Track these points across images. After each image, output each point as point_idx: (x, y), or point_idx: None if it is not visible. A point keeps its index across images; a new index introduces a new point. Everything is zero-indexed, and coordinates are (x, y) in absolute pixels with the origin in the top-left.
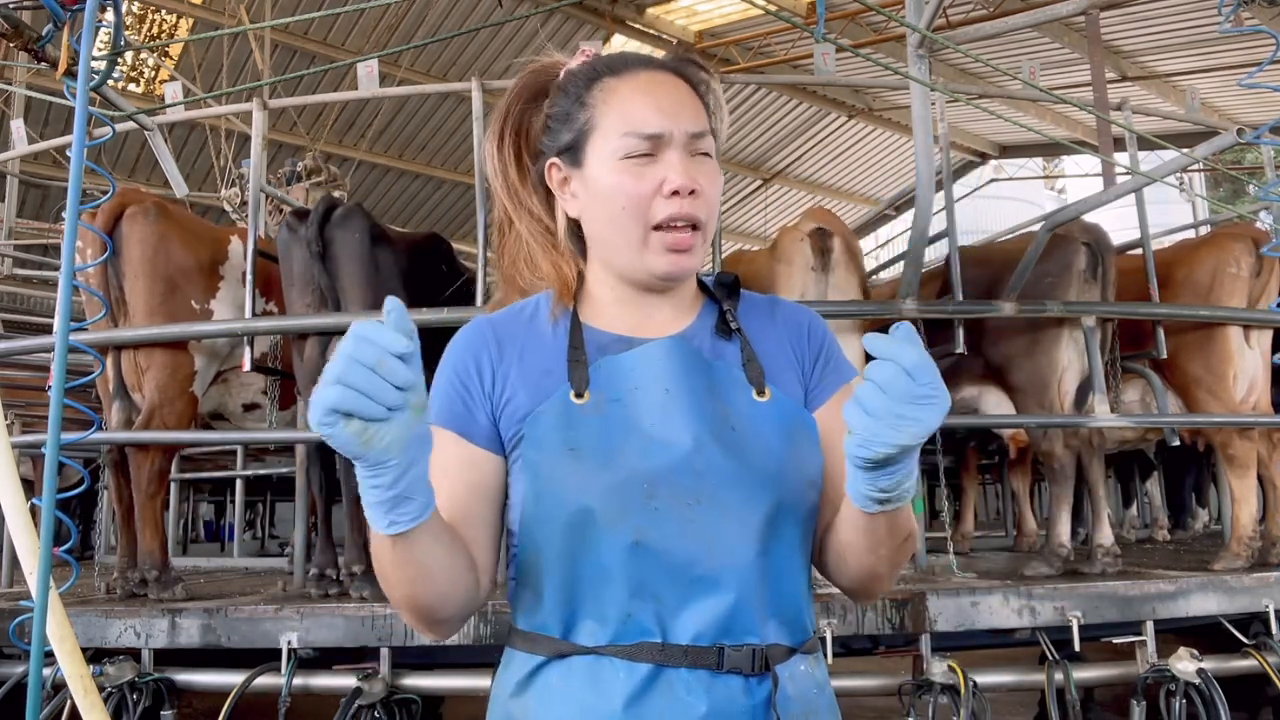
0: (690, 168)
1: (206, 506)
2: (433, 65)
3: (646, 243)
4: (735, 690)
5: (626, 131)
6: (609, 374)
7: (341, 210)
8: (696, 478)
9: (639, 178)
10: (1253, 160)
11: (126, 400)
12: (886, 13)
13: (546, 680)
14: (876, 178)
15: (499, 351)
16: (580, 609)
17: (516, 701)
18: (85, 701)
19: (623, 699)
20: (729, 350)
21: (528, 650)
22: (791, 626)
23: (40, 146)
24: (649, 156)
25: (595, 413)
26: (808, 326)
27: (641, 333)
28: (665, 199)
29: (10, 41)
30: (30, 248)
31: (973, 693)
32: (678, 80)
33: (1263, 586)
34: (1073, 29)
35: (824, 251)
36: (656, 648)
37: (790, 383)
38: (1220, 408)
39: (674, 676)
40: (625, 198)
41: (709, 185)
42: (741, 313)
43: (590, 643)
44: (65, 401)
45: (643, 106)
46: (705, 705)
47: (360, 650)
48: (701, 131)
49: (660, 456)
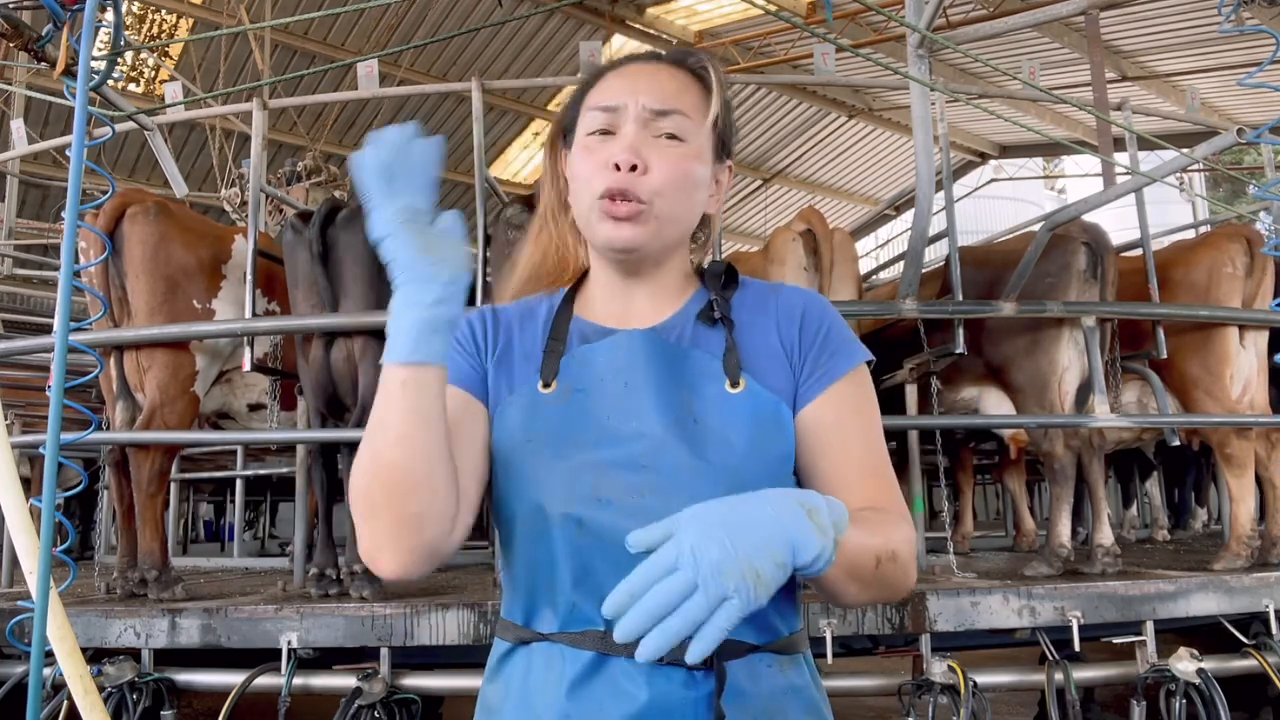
0: (644, 144)
1: (206, 506)
2: (433, 65)
3: (593, 213)
4: (676, 682)
5: (591, 106)
6: (578, 365)
7: (345, 212)
8: (646, 470)
9: (592, 152)
10: (1252, 160)
11: (129, 400)
12: (886, 13)
13: (512, 665)
14: (876, 178)
15: (495, 332)
16: (538, 597)
17: (490, 685)
18: (85, 701)
19: (566, 685)
20: (712, 339)
21: (501, 637)
22: (756, 624)
23: (40, 146)
24: (608, 134)
25: (559, 403)
26: (802, 312)
27: (624, 323)
28: (609, 171)
29: (10, 41)
30: (30, 248)
31: (973, 693)
32: (673, 69)
33: (1263, 586)
34: (1073, 29)
35: (816, 251)
36: (598, 636)
37: (773, 374)
38: (1218, 408)
39: (615, 665)
40: (582, 171)
41: (662, 164)
42: (738, 301)
43: (546, 630)
44: (65, 401)
45: (610, 84)
46: (646, 694)
47: (360, 650)
48: (666, 110)
49: (611, 448)
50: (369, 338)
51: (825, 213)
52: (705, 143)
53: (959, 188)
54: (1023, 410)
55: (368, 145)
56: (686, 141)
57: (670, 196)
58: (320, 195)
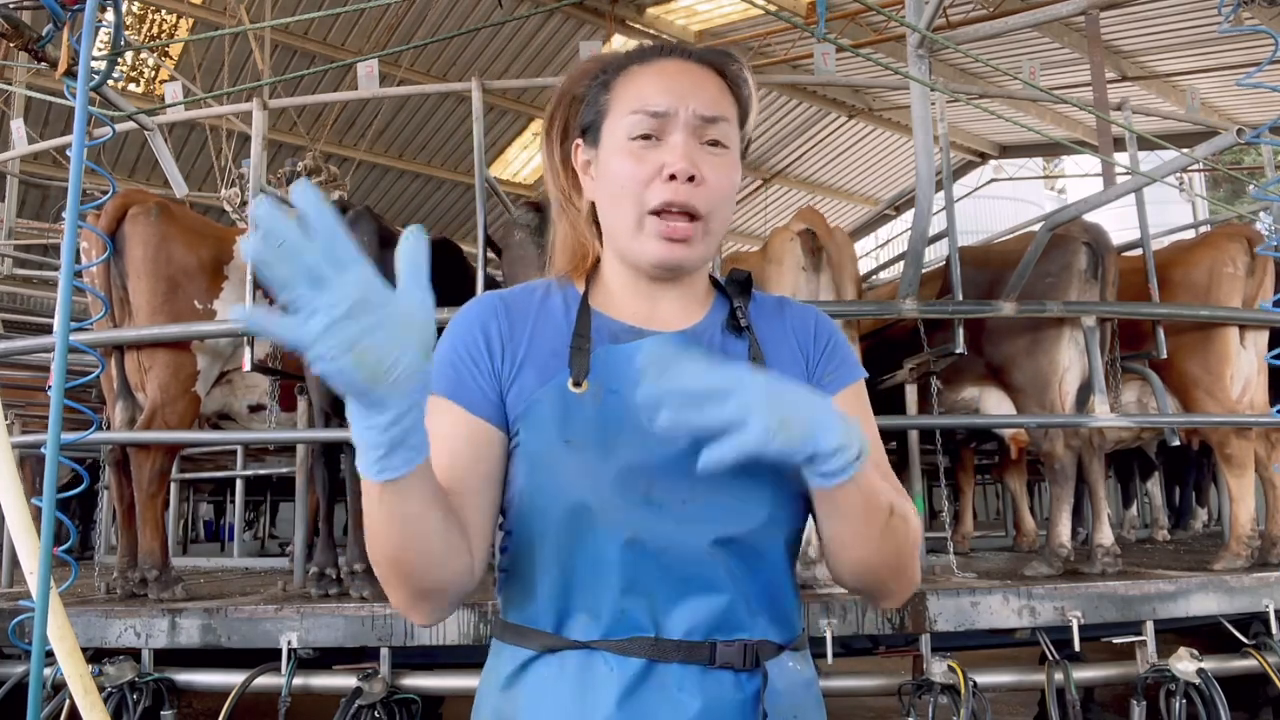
0: (695, 153)
1: (206, 506)
2: (433, 65)
3: (641, 227)
4: (726, 685)
5: (634, 109)
6: (609, 364)
7: (352, 213)
8: (690, 475)
9: (640, 160)
10: (1252, 160)
11: (130, 400)
12: (886, 13)
13: (538, 674)
14: (876, 178)
15: (509, 325)
16: (574, 603)
17: (506, 696)
18: (85, 701)
19: (616, 695)
20: (738, 348)
21: (517, 644)
22: (782, 624)
23: (40, 146)
24: (654, 139)
25: (592, 403)
26: (814, 325)
27: (652, 324)
28: (663, 183)
29: (10, 41)
30: (30, 248)
31: (973, 693)
32: (705, 69)
33: (1263, 586)
34: (1073, 29)
35: (815, 251)
36: (649, 642)
37: (794, 378)
38: (1218, 408)
39: (666, 672)
40: (625, 179)
41: (715, 175)
42: (754, 311)
43: (583, 637)
44: (65, 401)
45: (653, 84)
46: (699, 702)
47: (360, 650)
48: (715, 116)
49: (655, 451)
50: None
51: (825, 213)
52: (738, 147)
53: (959, 188)
54: (1023, 410)
55: (249, 238)
56: (730, 148)
57: (723, 209)
58: None
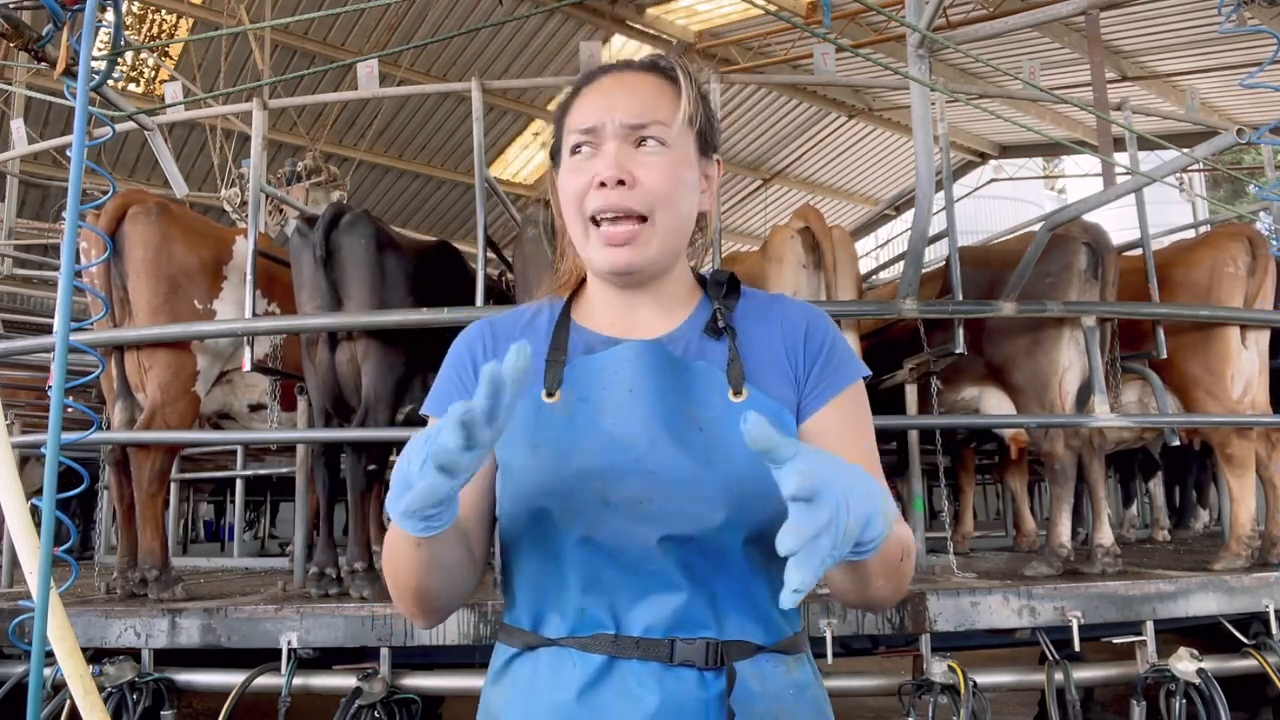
0: (628, 158)
1: (206, 506)
2: (433, 65)
3: (589, 237)
4: (689, 683)
5: (573, 129)
6: (581, 374)
7: (349, 216)
8: (648, 477)
9: (578, 172)
10: (1252, 160)
11: (130, 399)
12: (886, 13)
13: (518, 670)
14: (876, 178)
15: (494, 348)
16: (546, 602)
17: (494, 690)
18: (85, 701)
19: (576, 688)
20: (717, 350)
21: (506, 642)
22: (763, 624)
23: (40, 146)
24: (590, 151)
25: (563, 412)
26: (806, 326)
27: (630, 333)
28: (595, 190)
29: (10, 41)
30: (30, 248)
31: (973, 693)
32: (645, 75)
33: (1263, 586)
34: (1073, 29)
35: (815, 249)
36: (609, 639)
37: (777, 384)
38: (1219, 408)
39: (626, 668)
40: (569, 193)
41: (649, 174)
42: (740, 312)
43: (554, 634)
44: (65, 401)
45: (587, 103)
46: (657, 698)
47: (360, 650)
48: (644, 122)
49: (614, 455)
50: (371, 340)
51: (825, 213)
52: (688, 144)
53: (959, 188)
54: (1023, 410)
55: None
56: (669, 147)
57: (669, 207)
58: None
